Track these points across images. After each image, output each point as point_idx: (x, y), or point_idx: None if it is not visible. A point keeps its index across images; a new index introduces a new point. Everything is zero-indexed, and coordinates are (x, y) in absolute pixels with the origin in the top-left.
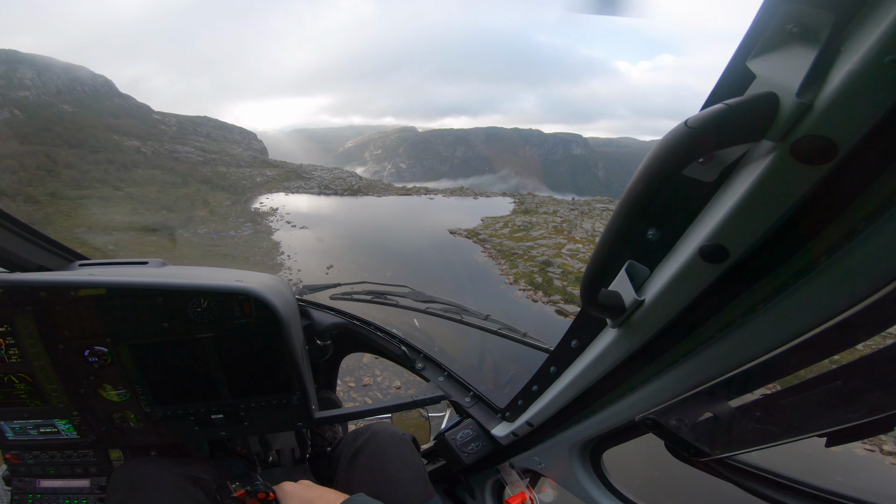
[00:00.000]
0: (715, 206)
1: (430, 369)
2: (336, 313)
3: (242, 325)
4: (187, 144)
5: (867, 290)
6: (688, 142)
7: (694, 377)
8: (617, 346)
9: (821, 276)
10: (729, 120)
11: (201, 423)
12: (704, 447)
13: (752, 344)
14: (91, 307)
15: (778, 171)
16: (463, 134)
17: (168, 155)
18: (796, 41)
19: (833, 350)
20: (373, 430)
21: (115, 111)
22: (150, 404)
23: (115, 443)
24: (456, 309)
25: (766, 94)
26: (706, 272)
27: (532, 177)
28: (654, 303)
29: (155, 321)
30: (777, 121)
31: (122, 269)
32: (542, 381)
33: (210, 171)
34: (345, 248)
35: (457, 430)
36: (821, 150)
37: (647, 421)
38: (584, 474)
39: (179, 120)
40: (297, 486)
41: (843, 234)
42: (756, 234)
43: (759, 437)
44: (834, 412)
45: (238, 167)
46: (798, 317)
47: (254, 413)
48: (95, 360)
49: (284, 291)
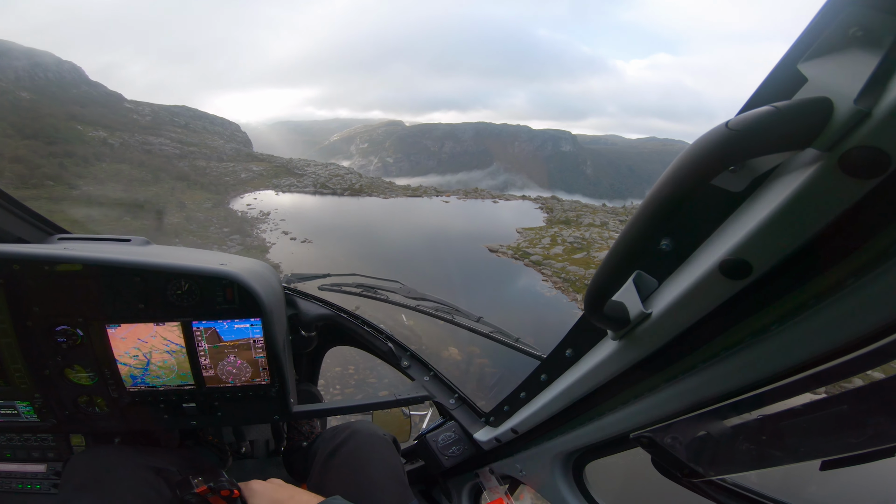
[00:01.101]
0: (741, 219)
1: (415, 368)
2: (323, 304)
3: (224, 311)
4: (162, 136)
5: (891, 318)
6: (727, 145)
7: (693, 396)
8: (616, 359)
9: (843, 299)
10: (776, 124)
11: (171, 411)
12: (698, 467)
13: (759, 366)
14: (65, 284)
15: (821, 183)
16: (451, 129)
17: (139, 147)
18: (858, 46)
19: (846, 375)
20: (353, 429)
21: (82, 99)
22: (117, 389)
23: (77, 428)
24: (448, 308)
25: (820, 99)
26: (724, 288)
27: (522, 173)
28: (661, 316)
29: (130, 302)
30: (829, 128)
31: (103, 246)
32: (531, 389)
33: (188, 165)
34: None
35: (439, 432)
36: (873, 162)
37: (642, 438)
38: (566, 485)
39: (154, 109)
40: (266, 484)
41: (875, 256)
42: (785, 250)
43: (755, 459)
44: (837, 437)
45: (220, 161)
46: (813, 341)
47: (228, 403)
48: (64, 340)
49: (270, 278)
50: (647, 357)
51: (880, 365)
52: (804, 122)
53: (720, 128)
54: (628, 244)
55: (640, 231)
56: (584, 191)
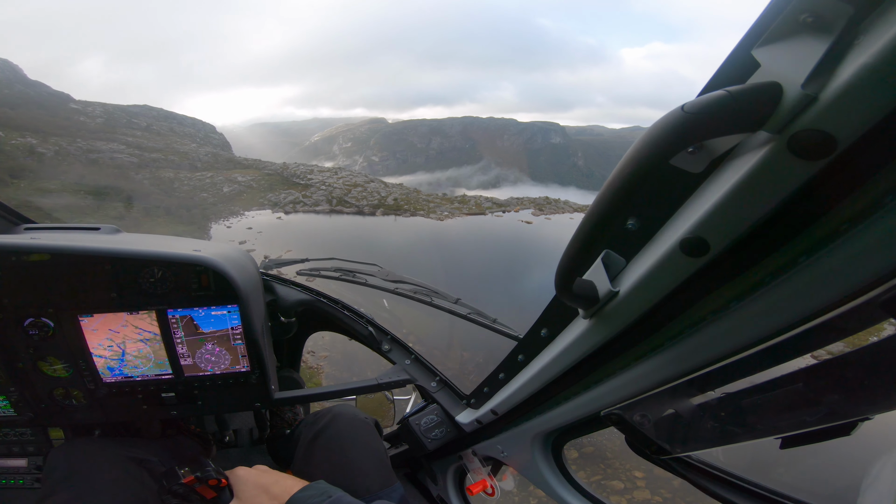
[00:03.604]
0: (700, 199)
1: (396, 352)
2: (302, 289)
3: (199, 298)
4: (115, 140)
5: (842, 294)
6: (683, 127)
7: (660, 373)
8: (587, 338)
9: (797, 276)
10: (728, 107)
11: (150, 401)
12: (665, 444)
13: (721, 342)
14: (33, 274)
15: (771, 164)
16: (438, 124)
17: (81, 156)
18: (808, 32)
19: (801, 352)
20: (334, 413)
21: (14, 100)
22: (93, 380)
23: (55, 421)
24: (426, 291)
25: (770, 84)
26: (685, 266)
27: (513, 167)
28: (628, 294)
29: (102, 291)
30: (778, 112)
31: (72, 235)
32: (509, 370)
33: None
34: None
35: (421, 416)
36: (819, 144)
37: (611, 415)
38: (545, 464)
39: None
40: (251, 471)
41: (825, 235)
42: (739, 229)
43: (718, 436)
44: (793, 414)
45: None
46: (771, 317)
47: (208, 392)
48: (36, 332)
49: (246, 264)
50: (617, 335)
51: (833, 342)
52: (755, 105)
53: (676, 111)
54: (594, 222)
55: (605, 209)
56: (578, 183)
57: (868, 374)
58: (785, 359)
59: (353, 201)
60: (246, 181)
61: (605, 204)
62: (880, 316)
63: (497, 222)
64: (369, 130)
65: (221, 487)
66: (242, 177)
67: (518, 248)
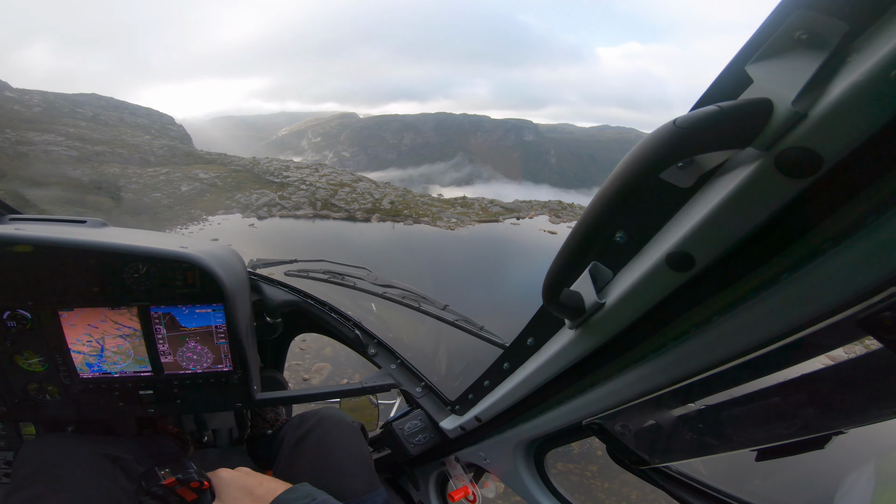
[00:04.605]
0: (688, 213)
1: (382, 356)
2: (289, 290)
3: (184, 296)
4: (53, 131)
5: (822, 311)
6: (674, 141)
7: (642, 384)
8: (572, 348)
9: (779, 292)
10: (719, 123)
11: (127, 398)
12: (644, 455)
13: (702, 355)
14: (15, 266)
15: (758, 182)
16: (410, 120)
17: (9, 148)
18: (802, 49)
19: (780, 366)
20: (321, 416)
21: None
22: (69, 376)
23: (27, 416)
24: (414, 296)
25: (761, 100)
26: (670, 280)
27: (487, 164)
28: (614, 306)
29: (84, 285)
30: (767, 128)
31: (56, 227)
32: (494, 377)
33: (88, 174)
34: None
35: (405, 420)
36: (805, 162)
37: (593, 425)
38: (527, 473)
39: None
40: (234, 473)
41: (807, 252)
42: (724, 245)
43: (696, 447)
44: (769, 427)
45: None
46: (752, 331)
47: (188, 390)
48: (14, 324)
49: (233, 263)
50: (602, 346)
51: (810, 357)
52: (745, 122)
53: (668, 125)
54: (583, 234)
55: (594, 222)
56: (551, 181)
57: (843, 389)
58: (764, 373)
59: (342, 205)
60: (209, 178)
61: (595, 216)
62: (858, 334)
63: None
64: (339, 125)
65: (203, 490)
66: (205, 173)
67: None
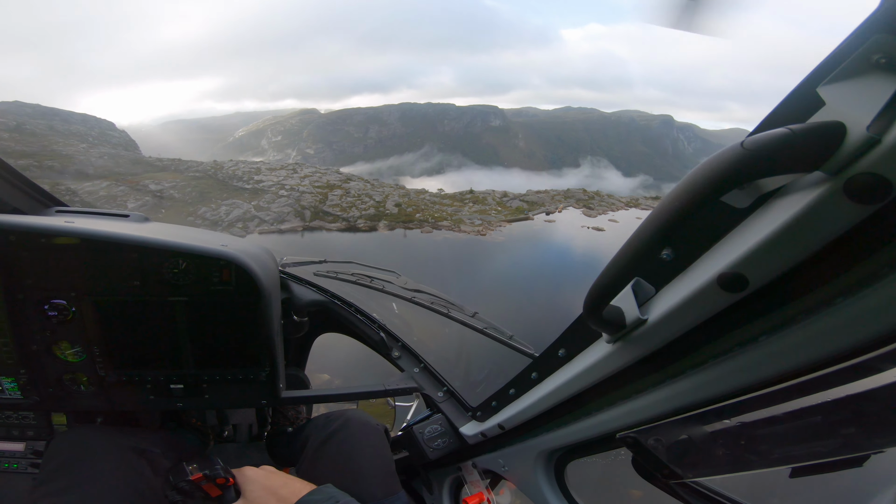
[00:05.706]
0: (742, 234)
1: (405, 359)
2: (318, 290)
3: (219, 292)
4: None
5: (875, 336)
6: (742, 164)
7: (678, 400)
8: (609, 361)
9: (832, 315)
10: (790, 146)
11: (158, 391)
12: (678, 469)
13: (745, 374)
14: (60, 257)
15: (824, 206)
16: (374, 112)
17: None
18: (879, 73)
19: (824, 387)
20: (346, 417)
21: None
22: (105, 367)
23: (59, 406)
24: (443, 302)
25: (834, 124)
26: (719, 300)
27: (456, 152)
28: (656, 322)
29: (125, 278)
30: (839, 153)
31: (101, 221)
32: (521, 386)
33: None
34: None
35: (425, 424)
36: (876, 188)
37: (627, 438)
38: (547, 483)
39: None
40: (259, 472)
41: (864, 277)
42: (782, 268)
43: (731, 463)
44: (809, 445)
45: (82, 178)
46: (798, 353)
47: (216, 386)
48: (55, 314)
49: (269, 262)
50: (639, 361)
51: (857, 380)
52: (816, 145)
53: (735, 147)
54: (634, 251)
55: (647, 240)
56: (522, 164)
57: (889, 409)
58: (810, 393)
59: (337, 212)
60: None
61: (650, 234)
62: None
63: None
64: (301, 122)
65: (228, 486)
66: (156, 184)
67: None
